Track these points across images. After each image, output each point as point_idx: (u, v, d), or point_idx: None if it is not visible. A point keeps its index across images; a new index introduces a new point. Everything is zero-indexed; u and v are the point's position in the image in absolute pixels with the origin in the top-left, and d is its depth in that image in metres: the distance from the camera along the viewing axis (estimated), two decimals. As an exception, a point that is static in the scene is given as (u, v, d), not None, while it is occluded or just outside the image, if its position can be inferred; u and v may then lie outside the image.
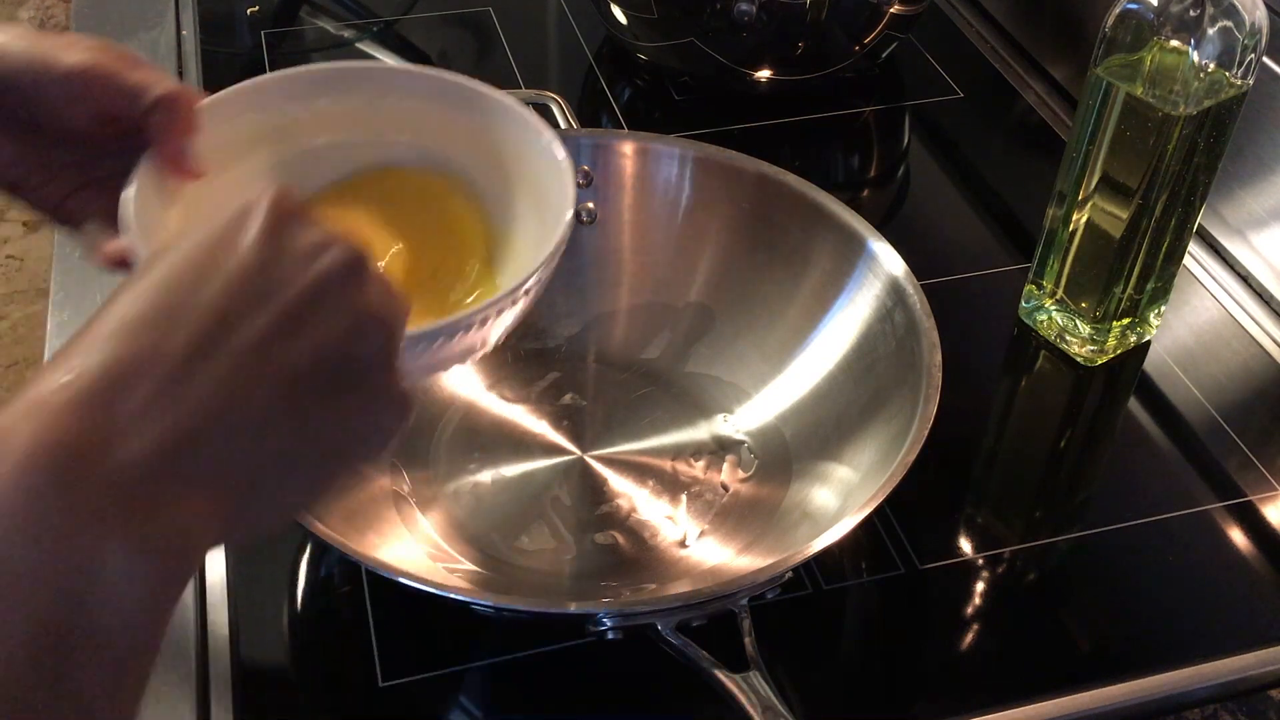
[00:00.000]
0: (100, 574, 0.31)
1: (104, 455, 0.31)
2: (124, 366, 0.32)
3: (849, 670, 0.65)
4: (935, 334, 0.66)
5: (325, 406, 0.36)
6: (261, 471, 0.35)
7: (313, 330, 0.35)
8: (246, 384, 0.34)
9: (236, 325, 0.34)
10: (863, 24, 0.99)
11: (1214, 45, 0.68)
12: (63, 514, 0.30)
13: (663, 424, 0.74)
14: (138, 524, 0.32)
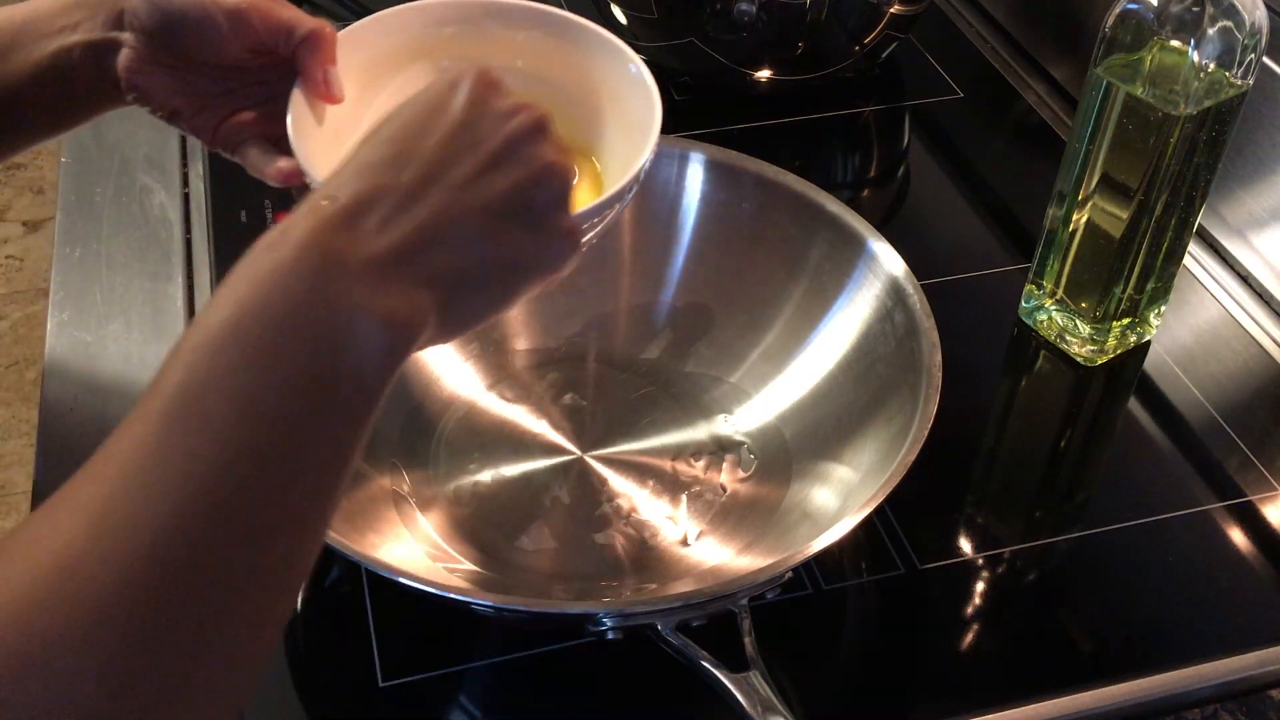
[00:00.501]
0: (352, 333, 0.40)
1: (357, 251, 0.41)
2: (370, 194, 0.43)
3: (849, 670, 0.65)
4: (935, 334, 0.66)
5: (515, 232, 0.45)
6: (468, 277, 0.44)
7: (508, 172, 0.45)
8: (458, 209, 0.44)
9: (450, 166, 0.44)
10: (863, 24, 0.99)
11: (1214, 45, 0.68)
12: (328, 285, 0.40)
13: (663, 424, 0.74)
14: (380, 300, 0.41)
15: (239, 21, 0.56)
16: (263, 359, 0.39)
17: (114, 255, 0.85)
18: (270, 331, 0.39)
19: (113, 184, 0.91)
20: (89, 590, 0.35)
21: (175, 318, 0.80)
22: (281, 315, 0.39)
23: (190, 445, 0.37)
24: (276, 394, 0.39)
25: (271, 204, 0.89)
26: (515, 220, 0.45)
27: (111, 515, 0.36)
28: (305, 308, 0.40)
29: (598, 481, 0.71)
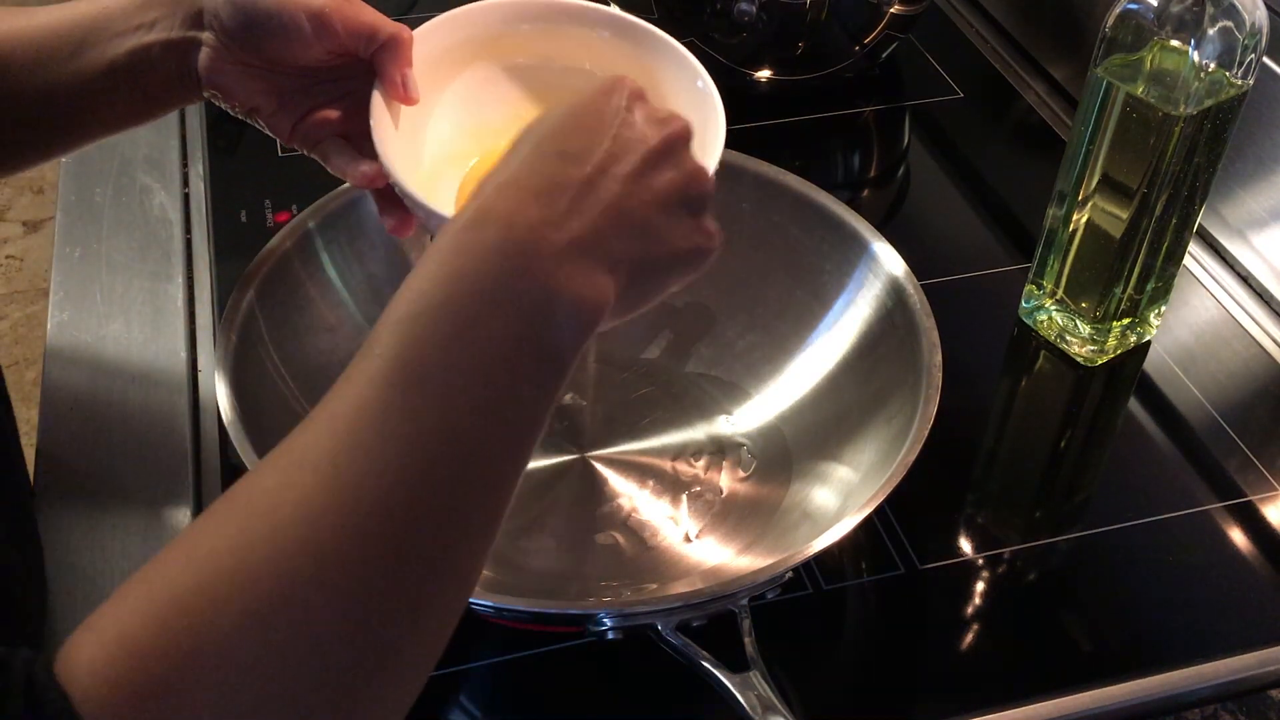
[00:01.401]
0: (552, 310, 0.43)
1: (554, 233, 0.44)
2: (555, 182, 0.45)
3: (849, 670, 0.65)
4: (935, 334, 0.66)
5: (677, 226, 0.48)
6: (642, 263, 0.47)
7: (668, 170, 0.48)
8: (632, 200, 0.46)
9: (619, 161, 0.47)
10: (863, 24, 0.99)
11: (1214, 45, 0.68)
12: (531, 263, 0.43)
13: (663, 424, 0.74)
14: (575, 281, 0.44)
15: (321, 25, 0.58)
16: (474, 330, 0.42)
17: (114, 255, 0.85)
18: (479, 304, 0.42)
19: (113, 184, 0.91)
20: (331, 541, 0.38)
21: (175, 317, 0.80)
22: (489, 289, 0.42)
23: (411, 405, 0.40)
24: (486, 363, 0.42)
25: (272, 204, 0.89)
26: (678, 215, 0.48)
27: (343, 472, 0.39)
28: (512, 283, 0.43)
29: (598, 482, 0.71)
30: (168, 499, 0.69)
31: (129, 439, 0.72)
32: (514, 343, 0.42)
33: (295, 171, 0.94)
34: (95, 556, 0.66)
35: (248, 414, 0.61)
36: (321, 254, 0.72)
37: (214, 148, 0.95)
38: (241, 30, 0.59)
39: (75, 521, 0.68)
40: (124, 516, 0.68)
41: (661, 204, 0.48)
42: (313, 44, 0.59)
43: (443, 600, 0.42)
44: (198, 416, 0.74)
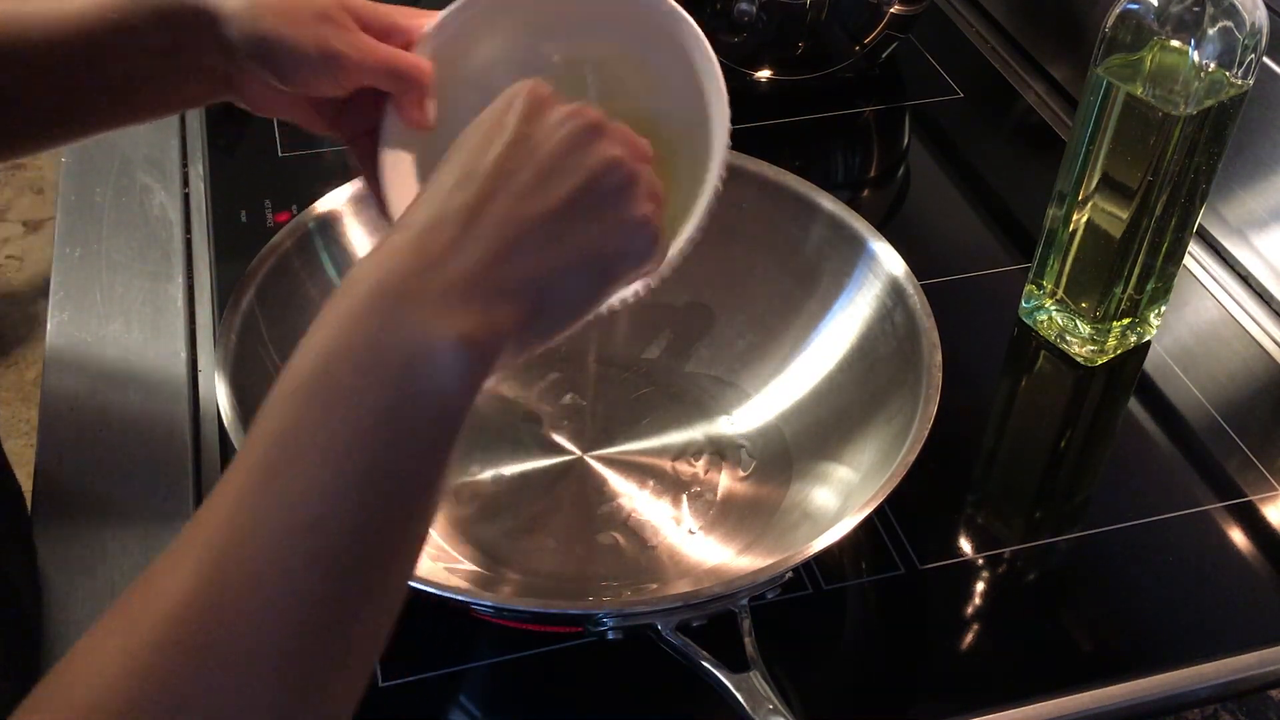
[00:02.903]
0: (430, 360, 0.41)
1: (427, 278, 0.42)
2: (436, 219, 0.44)
3: (849, 670, 0.65)
4: (935, 334, 0.66)
5: (583, 230, 0.46)
6: (545, 282, 0.45)
7: (567, 175, 0.46)
8: (521, 218, 0.45)
9: (509, 179, 0.45)
10: (863, 24, 0.99)
11: (1214, 45, 0.68)
12: (401, 317, 0.41)
13: (663, 424, 0.74)
14: (454, 322, 0.42)
15: (338, 68, 0.57)
16: (350, 399, 0.40)
17: (114, 255, 0.85)
18: (353, 372, 0.41)
19: (113, 184, 0.91)
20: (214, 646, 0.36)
21: (175, 317, 0.80)
22: (361, 354, 0.41)
23: (289, 492, 0.39)
24: (366, 432, 0.40)
25: (272, 204, 0.89)
26: (582, 218, 0.46)
27: (223, 569, 0.37)
28: (382, 343, 0.41)
29: (598, 482, 0.71)
30: (168, 499, 0.69)
31: (129, 439, 0.72)
32: (394, 406, 0.41)
33: (295, 171, 0.94)
34: (95, 557, 0.66)
35: (248, 414, 0.61)
36: (321, 254, 0.72)
37: (214, 148, 0.95)
38: (264, 67, 0.58)
39: (75, 522, 0.68)
40: (124, 517, 0.68)
41: (564, 210, 0.45)
42: (330, 84, 0.58)
43: (349, 672, 0.41)
44: (198, 417, 0.74)
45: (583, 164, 0.46)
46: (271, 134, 0.97)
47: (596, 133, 0.47)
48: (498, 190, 0.45)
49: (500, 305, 0.43)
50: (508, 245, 0.44)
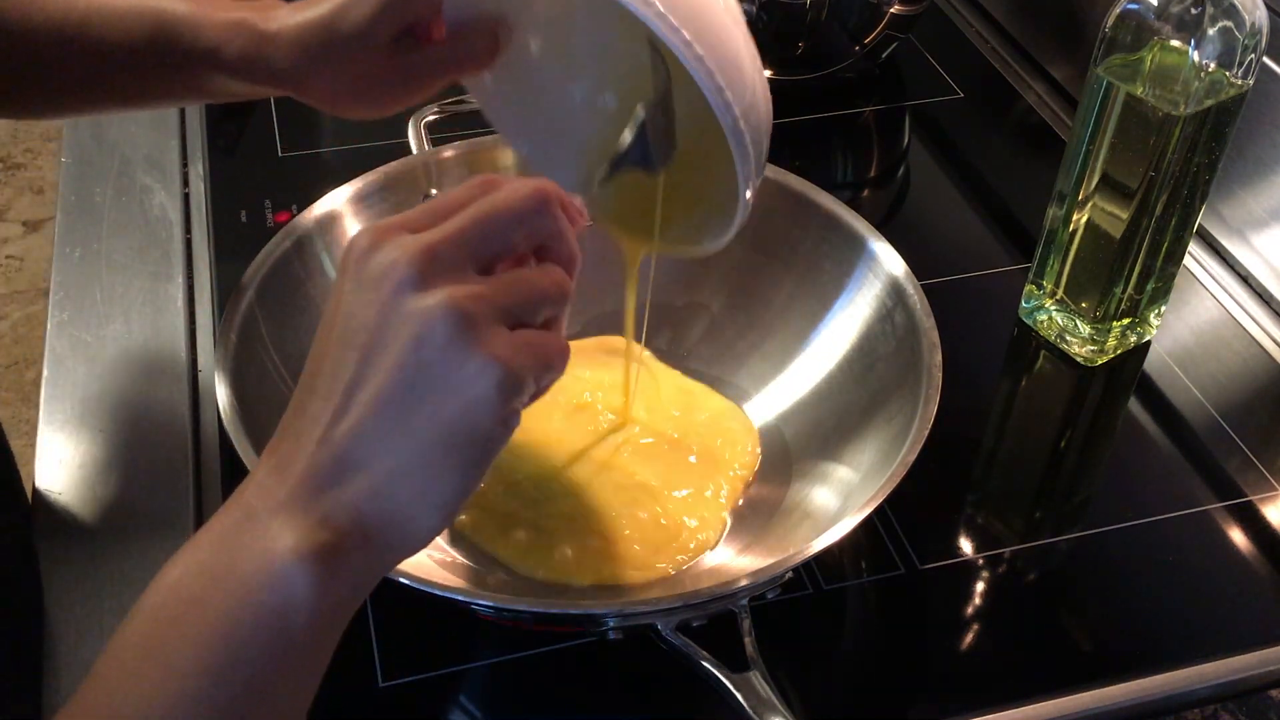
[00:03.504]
0: (271, 574, 0.40)
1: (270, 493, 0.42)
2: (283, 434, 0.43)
3: (849, 670, 0.65)
4: (935, 334, 0.66)
5: (418, 411, 0.41)
6: (396, 481, 0.42)
7: (386, 350, 0.41)
8: (353, 416, 0.42)
9: (337, 371, 0.42)
10: (863, 24, 0.99)
11: (1214, 45, 0.68)
12: (243, 532, 0.41)
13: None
14: (293, 535, 0.41)
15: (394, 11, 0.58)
16: (192, 611, 0.41)
17: (114, 255, 0.85)
18: (202, 586, 0.41)
19: (113, 184, 0.91)
20: None
21: (175, 317, 0.80)
22: (204, 566, 0.42)
23: (138, 702, 0.40)
24: (210, 642, 0.40)
25: (271, 204, 0.89)
26: (411, 398, 0.41)
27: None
28: (225, 557, 0.41)
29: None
30: (167, 499, 0.69)
31: (129, 439, 0.72)
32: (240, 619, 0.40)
33: (295, 171, 0.94)
34: (95, 557, 0.66)
35: (248, 414, 0.61)
36: (321, 254, 0.72)
37: (214, 148, 0.95)
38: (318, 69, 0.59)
39: (75, 522, 0.68)
40: (123, 517, 0.68)
41: (390, 396, 0.41)
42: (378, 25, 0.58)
43: None
44: (198, 417, 0.74)
45: (404, 330, 0.41)
46: (271, 134, 0.97)
47: (419, 280, 0.41)
48: (340, 384, 0.42)
49: (343, 515, 0.41)
50: (347, 453, 0.41)
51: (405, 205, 0.76)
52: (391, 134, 0.81)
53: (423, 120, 0.81)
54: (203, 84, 0.63)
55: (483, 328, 0.41)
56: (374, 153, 0.80)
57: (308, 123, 0.99)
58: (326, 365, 0.43)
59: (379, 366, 0.41)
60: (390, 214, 0.74)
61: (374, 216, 0.75)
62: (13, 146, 2.39)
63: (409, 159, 0.77)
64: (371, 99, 0.61)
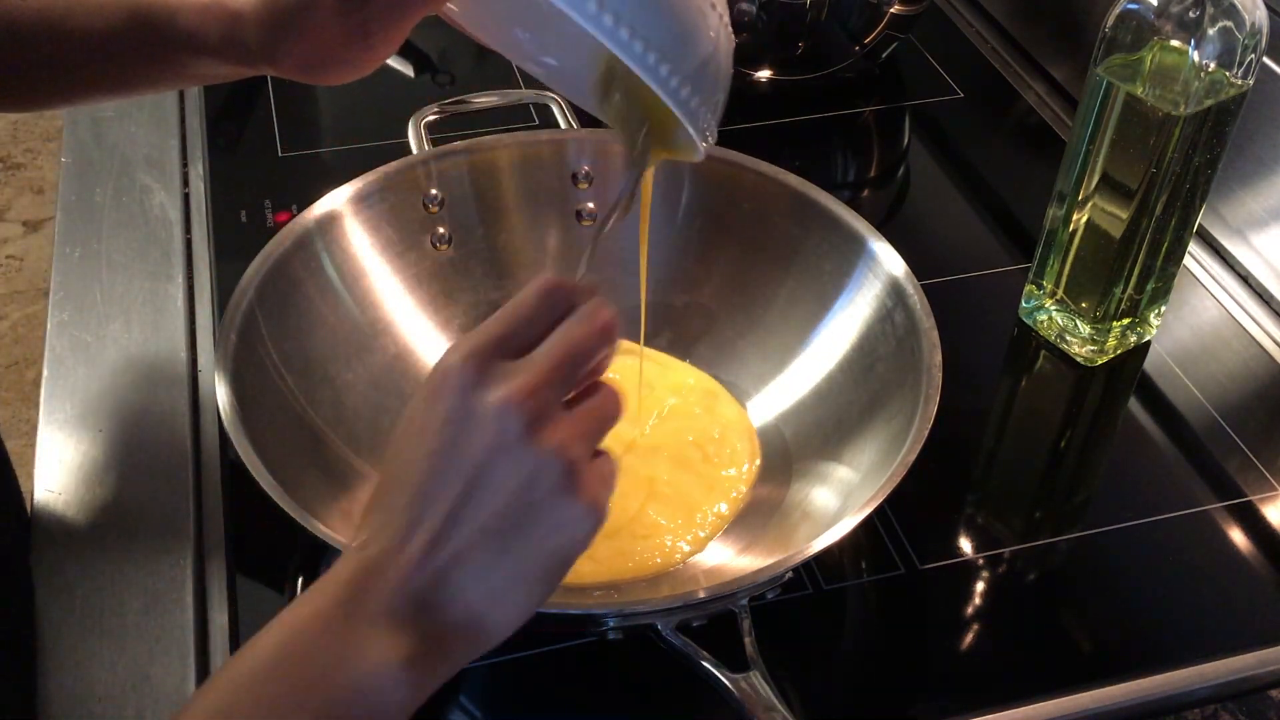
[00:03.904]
0: (368, 680, 0.42)
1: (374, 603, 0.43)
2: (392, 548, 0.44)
3: (849, 670, 0.65)
4: (935, 334, 0.66)
5: (524, 542, 0.45)
6: (488, 599, 0.45)
7: (498, 484, 0.44)
8: (458, 538, 0.44)
9: (434, 496, 0.44)
10: (863, 24, 0.99)
11: (1214, 45, 0.68)
12: (347, 635, 0.43)
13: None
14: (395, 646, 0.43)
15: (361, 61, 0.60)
16: (288, 702, 0.42)
17: (114, 255, 0.85)
18: (294, 678, 0.42)
19: (113, 184, 0.91)
20: None
21: (175, 317, 0.80)
22: (303, 663, 0.42)
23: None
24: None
25: (271, 204, 0.89)
26: (517, 531, 0.45)
27: None
28: (320, 659, 0.42)
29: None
30: (168, 499, 0.69)
31: (129, 439, 0.72)
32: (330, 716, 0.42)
33: (295, 171, 0.94)
34: (94, 557, 0.66)
35: (248, 414, 0.61)
36: (321, 254, 0.72)
37: (214, 147, 0.95)
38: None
39: (74, 522, 0.68)
40: (123, 517, 0.68)
41: (498, 525, 0.44)
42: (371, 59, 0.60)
43: None
44: (198, 416, 0.74)
45: (515, 470, 0.44)
46: (271, 134, 0.97)
47: (530, 426, 0.44)
48: (451, 530, 0.44)
49: (443, 627, 0.44)
50: (451, 574, 0.44)
51: (405, 205, 0.76)
52: (391, 134, 0.81)
53: (423, 120, 0.81)
54: (185, 69, 0.64)
55: (582, 472, 0.45)
56: (374, 153, 0.80)
57: (308, 123, 0.99)
58: (423, 483, 0.44)
59: (486, 500, 0.44)
60: (390, 214, 0.75)
61: (374, 217, 0.75)
62: (13, 146, 2.39)
63: (409, 159, 0.77)
64: (343, 61, 0.61)
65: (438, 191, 0.77)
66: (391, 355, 0.74)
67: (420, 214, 0.77)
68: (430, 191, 0.77)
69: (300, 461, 0.64)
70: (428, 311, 0.76)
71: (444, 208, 0.77)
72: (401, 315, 0.75)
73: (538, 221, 0.79)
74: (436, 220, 0.77)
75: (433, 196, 0.77)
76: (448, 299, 0.77)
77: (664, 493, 0.68)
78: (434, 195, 0.77)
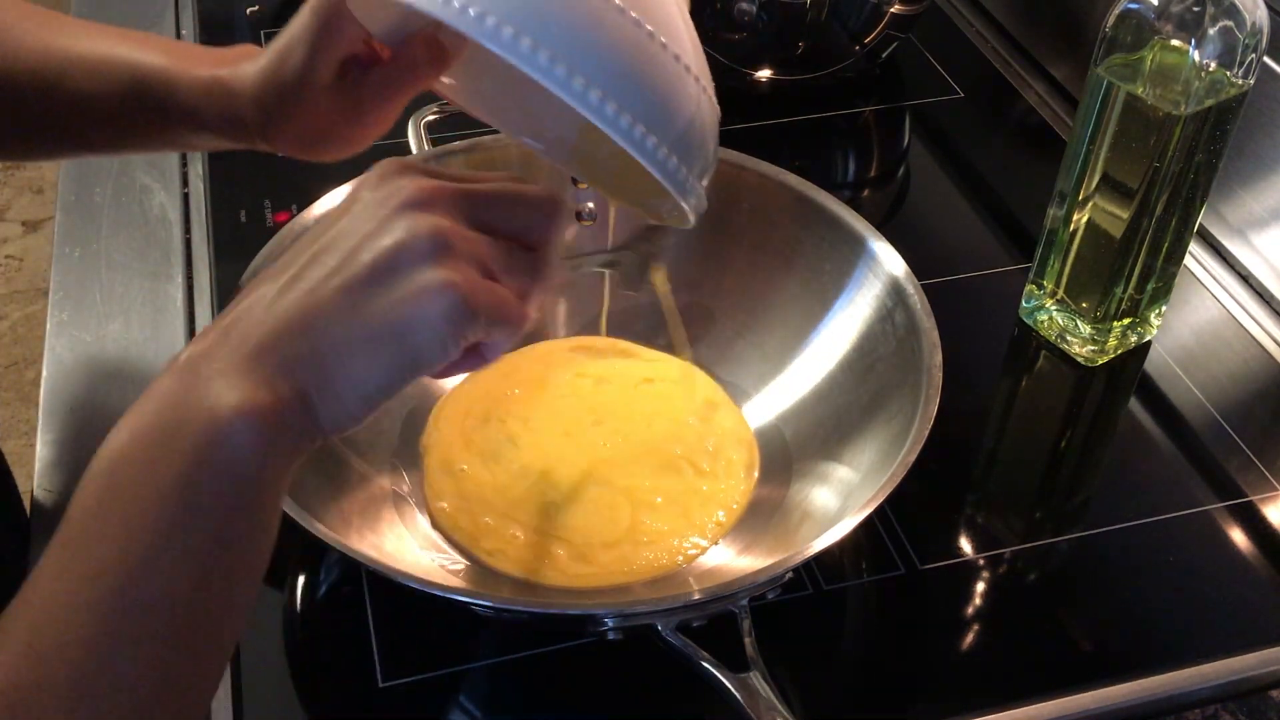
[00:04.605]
0: (215, 429, 0.42)
1: (217, 355, 0.44)
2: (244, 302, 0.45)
3: (849, 670, 0.65)
4: (935, 334, 0.66)
5: (375, 300, 0.44)
6: (332, 355, 0.44)
7: (372, 246, 0.44)
8: (319, 293, 0.44)
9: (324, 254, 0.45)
10: (863, 24, 0.99)
11: (1215, 45, 0.68)
12: (188, 390, 0.43)
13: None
14: (235, 393, 0.43)
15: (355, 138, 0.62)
16: (146, 471, 0.42)
17: (114, 255, 0.85)
18: (148, 445, 0.43)
19: (112, 184, 0.91)
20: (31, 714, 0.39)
21: (175, 317, 0.80)
22: (154, 428, 0.43)
23: (98, 565, 0.41)
24: (165, 500, 0.42)
25: (271, 204, 0.89)
26: (375, 288, 0.44)
27: (38, 649, 0.40)
28: (170, 415, 0.43)
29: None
30: (167, 499, 0.69)
31: (129, 439, 0.72)
32: (189, 477, 0.42)
33: (295, 171, 0.93)
34: (95, 556, 0.66)
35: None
36: (321, 254, 0.72)
37: (214, 148, 0.95)
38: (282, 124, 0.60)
39: (75, 521, 0.68)
40: (124, 516, 0.68)
41: (358, 283, 0.44)
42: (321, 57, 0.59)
43: None
44: (197, 416, 0.74)
45: (390, 235, 0.44)
46: (271, 134, 0.97)
47: (417, 202, 0.45)
48: (308, 267, 0.45)
49: (282, 379, 0.44)
50: (297, 320, 0.44)
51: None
52: (391, 134, 0.81)
53: (423, 120, 0.81)
54: (179, 140, 0.65)
55: (459, 260, 0.45)
56: (374, 153, 0.80)
57: (308, 123, 0.99)
58: (301, 257, 0.46)
59: (356, 260, 0.44)
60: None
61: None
62: (13, 146, 2.39)
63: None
64: (338, 137, 0.62)
65: (438, 191, 0.77)
66: (391, 355, 0.74)
67: (420, 214, 0.77)
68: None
69: (300, 461, 0.64)
70: (428, 311, 0.76)
71: (444, 208, 0.77)
72: (401, 315, 0.75)
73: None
74: (436, 220, 0.77)
75: None
76: (448, 299, 0.77)
77: (654, 502, 0.68)
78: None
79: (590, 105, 0.47)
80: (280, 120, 0.60)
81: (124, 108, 0.62)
